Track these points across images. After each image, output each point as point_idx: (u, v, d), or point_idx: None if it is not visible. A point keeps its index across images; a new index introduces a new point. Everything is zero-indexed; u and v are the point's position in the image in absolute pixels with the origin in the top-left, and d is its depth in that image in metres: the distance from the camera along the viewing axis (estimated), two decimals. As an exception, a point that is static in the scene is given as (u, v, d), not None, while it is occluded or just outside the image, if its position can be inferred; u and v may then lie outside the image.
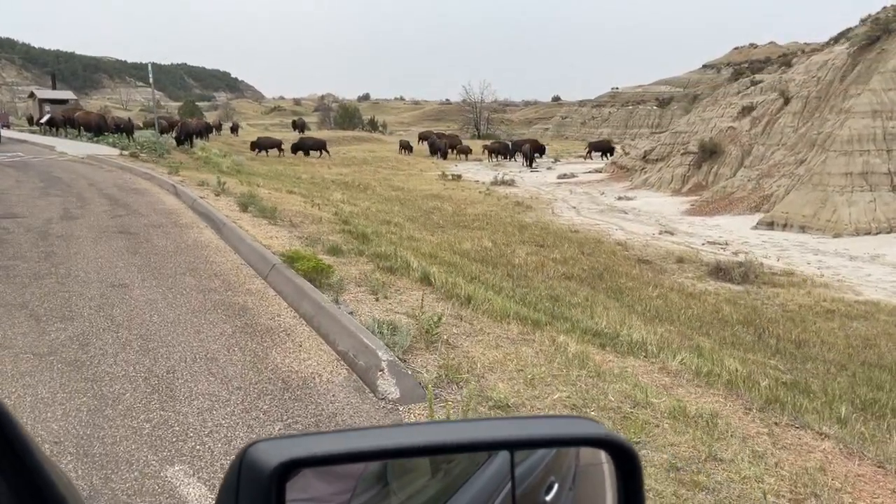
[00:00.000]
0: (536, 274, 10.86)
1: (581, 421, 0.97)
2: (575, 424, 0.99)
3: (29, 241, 9.27)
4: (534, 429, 0.95)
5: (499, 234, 15.85)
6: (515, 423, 1.17)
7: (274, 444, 0.78)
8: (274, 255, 8.15)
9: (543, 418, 1.41)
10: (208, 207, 12.15)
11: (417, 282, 7.62)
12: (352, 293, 6.74)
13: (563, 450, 0.98)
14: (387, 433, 0.89)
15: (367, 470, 0.85)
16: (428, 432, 0.90)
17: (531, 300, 7.82)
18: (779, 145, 24.66)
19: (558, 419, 1.27)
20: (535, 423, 1.06)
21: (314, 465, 0.77)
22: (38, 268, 7.75)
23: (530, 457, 0.94)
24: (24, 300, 6.41)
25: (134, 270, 7.79)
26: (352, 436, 0.86)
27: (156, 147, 26.78)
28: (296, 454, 0.76)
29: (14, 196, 13.86)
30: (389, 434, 0.88)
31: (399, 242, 11.37)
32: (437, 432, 0.90)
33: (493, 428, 0.94)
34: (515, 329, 6.04)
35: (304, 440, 0.80)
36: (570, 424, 1.01)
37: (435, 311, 6.34)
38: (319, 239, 9.86)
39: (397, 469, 0.89)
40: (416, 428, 0.92)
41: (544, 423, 1.03)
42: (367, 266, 8.35)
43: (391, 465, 0.88)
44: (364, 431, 1.03)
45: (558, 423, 1.02)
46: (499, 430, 0.93)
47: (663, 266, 14.87)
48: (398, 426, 1.10)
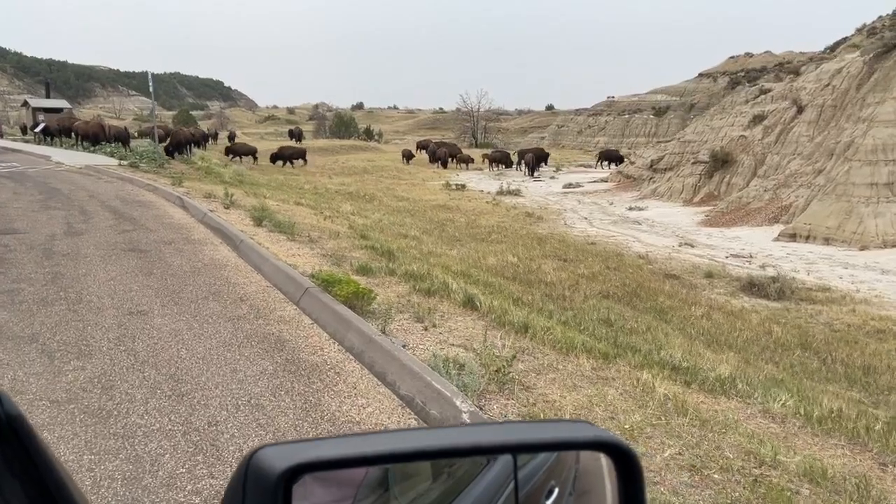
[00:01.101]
0: (572, 293, 10.23)
1: (581, 424, 0.97)
2: (575, 428, 0.98)
3: (33, 261, 8.59)
4: (535, 433, 0.96)
5: (519, 248, 15.22)
6: (517, 427, 1.14)
7: (280, 449, 0.78)
8: (303, 276, 7.50)
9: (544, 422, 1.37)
10: (220, 222, 11.49)
11: (460, 306, 6.99)
12: (396, 321, 6.09)
13: (563, 454, 0.99)
14: (392, 437, 0.89)
15: (368, 476, 0.85)
16: (433, 437, 0.92)
17: (587, 326, 7.19)
18: (794, 155, 24.15)
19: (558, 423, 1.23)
20: (537, 427, 1.07)
21: (321, 469, 0.77)
22: (45, 292, 7.07)
23: (531, 461, 0.95)
24: (33, 332, 5.73)
25: (151, 294, 7.12)
26: (357, 440, 0.86)
27: (155, 157, 26.08)
28: (302, 459, 0.76)
29: (13, 210, 13.15)
30: (395, 438, 0.88)
31: (423, 258, 10.74)
32: (442, 437, 0.92)
33: (496, 432, 0.95)
34: (587, 364, 5.40)
35: (309, 445, 0.81)
36: (570, 428, 1.00)
37: (492, 341, 5.71)
38: (344, 256, 9.23)
39: (399, 474, 0.88)
40: (421, 433, 1.00)
41: (545, 427, 1.05)
42: (401, 287, 7.72)
43: (392, 470, 0.87)
44: (369, 436, 0.94)
45: (559, 427, 1.03)
46: (502, 434, 0.94)
47: (692, 281, 14.26)
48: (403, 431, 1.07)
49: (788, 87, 29.48)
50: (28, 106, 48.34)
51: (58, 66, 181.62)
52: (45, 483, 0.74)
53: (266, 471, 0.75)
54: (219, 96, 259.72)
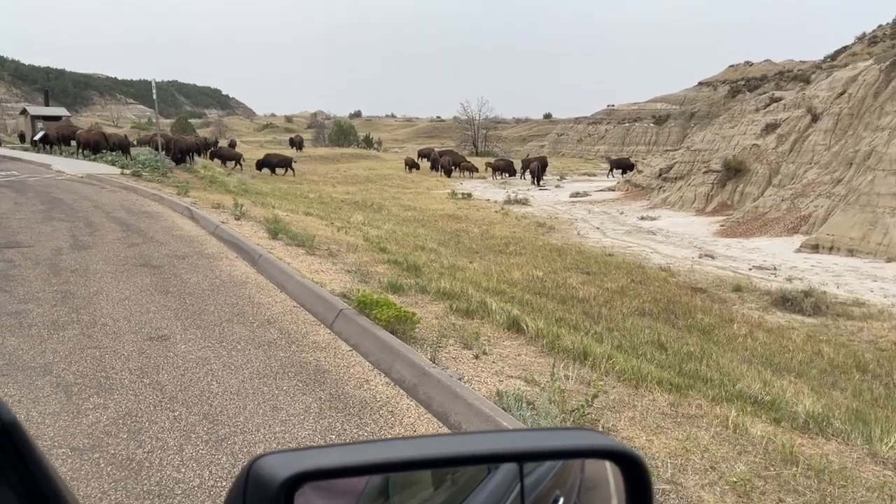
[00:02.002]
0: (609, 310, 9.71)
1: (589, 433, 0.96)
2: (584, 436, 0.96)
3: (40, 278, 8.04)
4: (542, 441, 0.94)
5: (539, 260, 14.71)
6: (523, 435, 1.13)
7: (281, 457, 0.77)
8: (333, 295, 6.97)
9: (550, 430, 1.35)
10: (234, 234, 10.96)
11: (504, 328, 6.46)
12: (443, 348, 5.55)
13: (567, 463, 0.97)
14: (395, 445, 0.88)
15: (368, 485, 0.83)
16: (437, 445, 0.88)
17: (642, 350, 6.66)
18: (811, 164, 23.69)
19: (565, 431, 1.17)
20: (543, 435, 1.05)
21: (323, 478, 0.76)
22: (55, 314, 6.52)
23: (535, 470, 0.92)
24: (46, 361, 5.18)
25: (170, 316, 6.57)
26: (360, 448, 0.84)
27: (158, 166, 25.54)
28: (304, 467, 0.75)
29: (15, 221, 12.60)
30: (398, 446, 0.87)
31: (448, 273, 10.20)
32: (446, 445, 0.89)
33: (501, 440, 0.93)
34: (661, 398, 4.87)
35: (311, 453, 0.79)
36: (578, 436, 0.98)
37: (552, 372, 5.18)
38: (368, 272, 8.70)
39: (400, 482, 0.87)
40: (425, 440, 0.90)
41: (552, 435, 1.03)
42: (436, 307, 7.20)
43: (393, 479, 0.86)
44: (372, 444, 0.88)
45: (565, 435, 1.01)
46: (508, 442, 0.91)
47: (720, 295, 13.75)
48: (406, 439, 0.97)
49: (801, 96, 29.05)
50: (27, 114, 47.80)
51: (55, 74, 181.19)
52: (41, 491, 0.73)
53: (267, 479, 0.73)
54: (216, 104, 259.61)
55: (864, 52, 77.95)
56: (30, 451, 0.73)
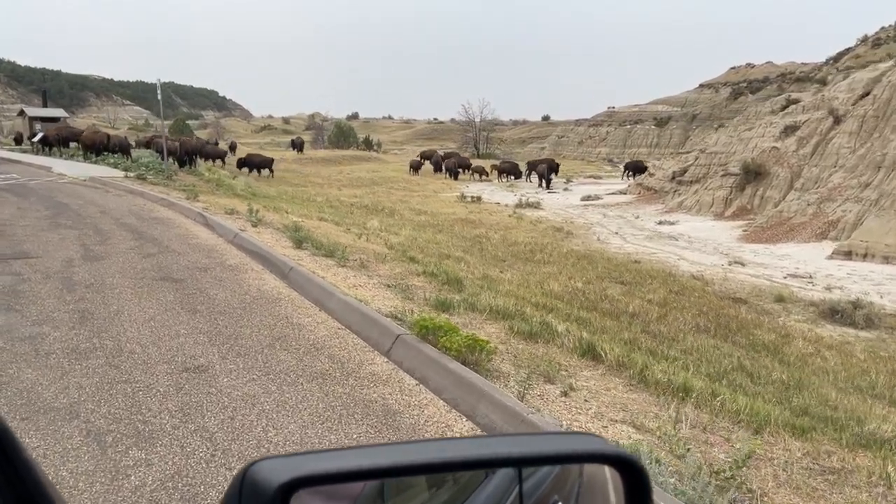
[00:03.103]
0: (666, 327, 9.02)
1: (588, 437, 0.93)
2: (581, 441, 0.94)
3: (53, 294, 7.31)
4: (541, 445, 0.91)
5: (570, 269, 14.01)
6: (521, 439, 1.05)
7: (277, 462, 0.75)
8: (383, 316, 6.27)
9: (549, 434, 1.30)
10: (257, 243, 10.25)
11: (578, 355, 5.78)
12: (521, 382, 4.85)
13: (566, 467, 0.95)
14: (393, 450, 0.84)
15: (364, 490, 0.82)
16: (434, 449, 0.85)
17: (731, 379, 5.97)
18: (835, 167, 23.05)
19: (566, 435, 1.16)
20: (541, 440, 1.01)
21: (318, 483, 0.75)
22: (75, 338, 5.80)
23: (534, 474, 0.91)
24: (71, 401, 4.47)
25: (204, 341, 5.86)
26: (356, 453, 0.82)
27: (163, 168, 24.81)
28: (300, 473, 0.73)
29: (20, 228, 11.86)
30: (396, 451, 0.84)
31: (487, 286, 9.50)
32: (444, 449, 0.87)
33: (499, 444, 0.90)
34: (794, 447, 4.18)
35: (307, 458, 0.78)
36: (576, 441, 0.96)
37: (665, 416, 4.50)
38: (408, 286, 8.00)
39: (395, 486, 0.85)
40: (422, 445, 0.88)
41: (551, 440, 1.00)
42: (492, 328, 6.51)
43: (388, 483, 0.84)
44: (368, 449, 0.85)
45: (565, 440, 0.99)
46: (506, 446, 0.88)
47: (763, 306, 13.08)
48: (403, 443, 0.92)
49: (819, 97, 28.43)
50: (25, 115, 46.97)
51: (52, 76, 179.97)
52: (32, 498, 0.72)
53: (262, 485, 0.71)
54: (213, 106, 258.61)
55: (868, 54, 77.55)
56: (20, 457, 0.72)
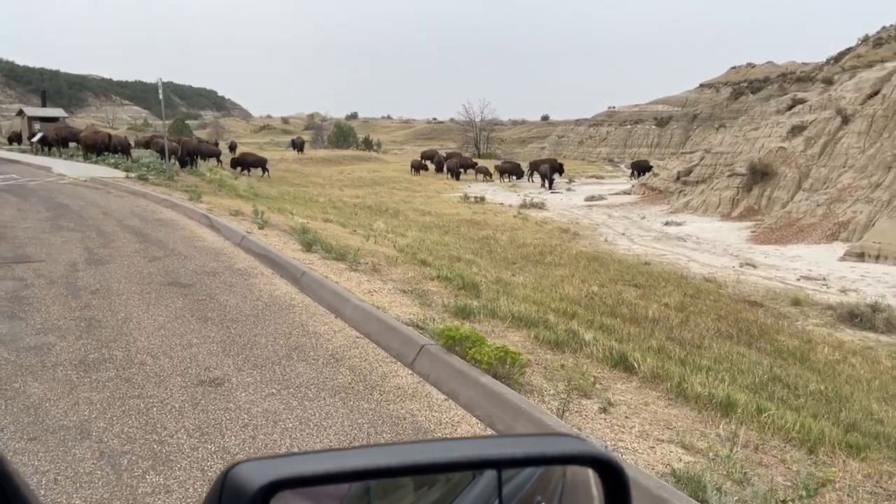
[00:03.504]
0: (688, 333, 8.77)
1: (569, 439, 0.93)
2: (563, 442, 0.95)
3: (57, 301, 7.05)
4: (522, 447, 0.92)
5: (581, 271, 13.76)
6: (503, 441, 1.08)
7: (258, 464, 0.75)
8: (403, 324, 6.01)
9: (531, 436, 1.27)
10: (265, 247, 9.98)
11: (609, 366, 5.53)
12: (559, 397, 4.60)
13: (549, 468, 0.95)
14: (375, 452, 0.85)
15: (349, 491, 0.81)
16: (417, 451, 0.86)
17: (772, 390, 5.72)
18: (845, 167, 22.82)
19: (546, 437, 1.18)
20: (523, 442, 1.01)
21: (300, 485, 0.74)
22: (83, 348, 5.54)
23: (517, 476, 0.91)
24: (81, 418, 4.20)
25: (217, 351, 5.60)
26: (339, 455, 0.82)
27: (164, 169, 24.54)
28: (281, 475, 0.73)
29: (20, 230, 11.59)
30: (377, 453, 0.84)
31: (503, 290, 9.24)
32: (426, 451, 0.87)
33: (481, 446, 0.91)
34: (853, 468, 3.93)
35: (289, 460, 0.77)
36: (557, 442, 0.96)
37: (703, 429, 4.26)
38: (424, 291, 7.75)
39: (380, 488, 0.85)
40: (405, 447, 0.89)
41: (532, 441, 1.00)
42: (515, 336, 6.27)
43: (374, 485, 0.84)
44: (351, 451, 0.84)
45: (546, 441, 0.99)
46: (487, 448, 0.90)
47: (779, 309, 12.84)
48: (386, 445, 0.96)
49: (826, 97, 28.19)
50: (24, 115, 46.63)
51: (50, 75, 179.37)
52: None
53: (242, 487, 0.71)
54: (212, 105, 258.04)
55: (870, 54, 77.37)
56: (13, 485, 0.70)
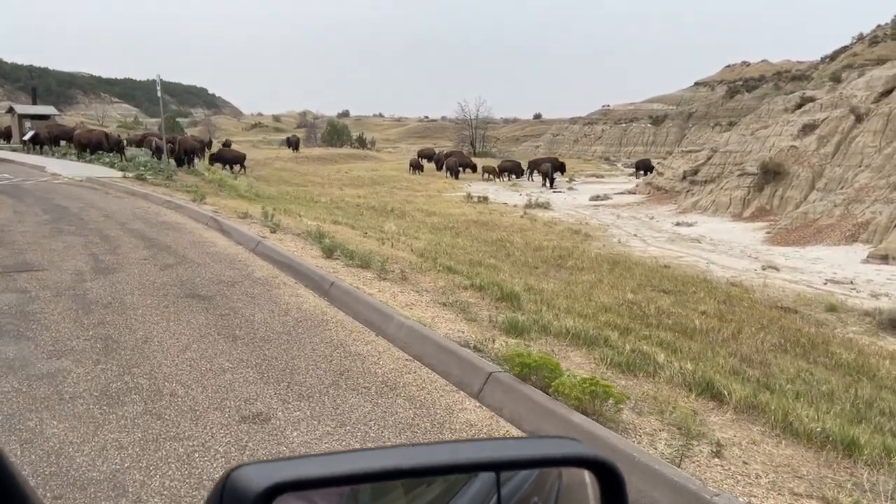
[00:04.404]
0: (741, 345, 8.21)
1: (565, 441, 0.94)
2: (559, 445, 0.95)
3: (67, 317, 6.39)
4: (519, 449, 0.93)
5: (607, 276, 13.17)
6: (500, 444, 1.10)
7: (258, 468, 0.75)
8: (457, 345, 5.40)
9: (527, 439, 1.27)
10: (284, 253, 9.35)
11: (691, 393, 4.92)
12: (662, 438, 4.01)
13: (545, 470, 0.96)
14: (374, 455, 0.85)
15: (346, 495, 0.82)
16: (415, 454, 0.87)
17: (877, 422, 5.15)
18: (861, 167, 22.37)
19: (542, 439, 1.12)
20: (520, 444, 1.03)
21: (300, 488, 0.75)
22: (102, 376, 4.89)
23: (514, 477, 0.92)
24: (112, 468, 3.56)
25: (254, 377, 4.97)
26: (337, 458, 0.84)
27: (162, 168, 23.82)
28: (281, 478, 0.74)
29: (18, 235, 10.90)
30: (378, 456, 0.84)
31: (543, 300, 8.63)
32: (425, 454, 0.88)
33: (478, 449, 0.92)
34: None
35: (289, 464, 0.78)
36: (554, 445, 0.96)
37: (832, 475, 3.68)
38: (463, 303, 7.12)
39: (378, 489, 0.85)
40: (404, 450, 0.89)
41: (529, 444, 1.01)
42: (576, 356, 5.70)
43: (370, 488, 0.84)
44: (349, 454, 0.89)
45: (543, 444, 0.99)
46: (484, 451, 0.91)
47: (815, 316, 12.30)
48: (384, 448, 0.93)
49: (837, 95, 27.77)
50: (14, 112, 45.65)
51: (39, 73, 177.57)
52: None
53: (243, 490, 0.72)
54: (203, 103, 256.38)
55: (866, 52, 77.11)
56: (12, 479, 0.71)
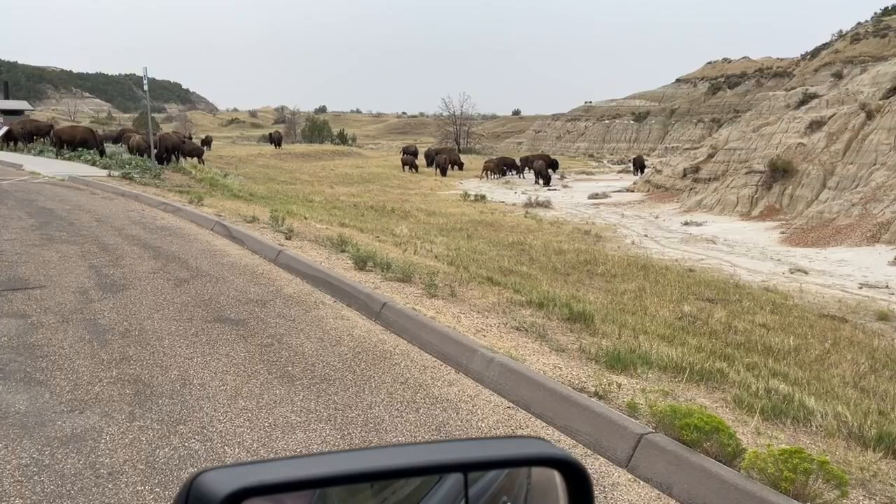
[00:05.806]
0: (836, 369, 7.38)
1: (534, 441, 0.93)
2: (528, 445, 0.95)
3: (81, 350, 5.32)
4: (487, 450, 0.92)
5: (643, 283, 12.31)
6: (469, 444, 1.08)
7: (223, 472, 0.74)
8: (573, 389, 4.45)
9: (496, 439, 1.20)
10: (311, 265, 8.34)
11: (858, 446, 4.02)
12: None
13: (514, 470, 0.95)
14: (339, 458, 0.84)
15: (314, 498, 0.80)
16: (382, 456, 0.86)
17: None
18: (875, 165, 21.80)
19: (511, 440, 1.14)
20: (489, 445, 1.02)
21: (265, 493, 0.74)
22: (144, 440, 3.85)
23: (482, 478, 0.91)
24: None
25: (334, 438, 3.98)
26: (303, 462, 0.83)
27: (149, 167, 22.56)
28: (246, 483, 0.73)
29: (5, 243, 9.73)
30: (343, 459, 0.83)
31: (612, 319, 7.69)
32: (392, 456, 0.87)
33: (446, 450, 0.92)
34: None
35: (253, 468, 0.77)
36: (523, 445, 0.96)
37: None
38: (543, 329, 6.15)
39: (344, 492, 0.84)
40: (371, 452, 0.88)
41: (498, 444, 1.00)
42: (701, 397, 4.78)
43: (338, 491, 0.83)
44: (315, 458, 0.87)
45: (511, 444, 0.98)
46: (453, 452, 0.90)
47: (867, 326, 11.56)
48: (350, 451, 0.93)
49: (843, 91, 27.26)
50: (-16, 107, 43.79)
51: (7, 67, 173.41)
52: None
53: (208, 495, 0.71)
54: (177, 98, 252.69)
55: (848, 49, 77.49)
56: None
